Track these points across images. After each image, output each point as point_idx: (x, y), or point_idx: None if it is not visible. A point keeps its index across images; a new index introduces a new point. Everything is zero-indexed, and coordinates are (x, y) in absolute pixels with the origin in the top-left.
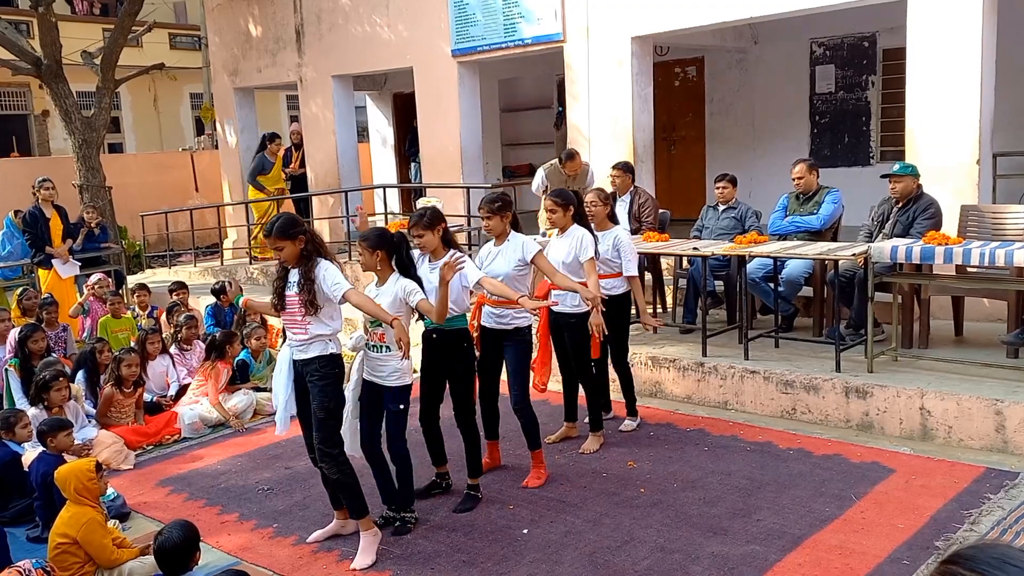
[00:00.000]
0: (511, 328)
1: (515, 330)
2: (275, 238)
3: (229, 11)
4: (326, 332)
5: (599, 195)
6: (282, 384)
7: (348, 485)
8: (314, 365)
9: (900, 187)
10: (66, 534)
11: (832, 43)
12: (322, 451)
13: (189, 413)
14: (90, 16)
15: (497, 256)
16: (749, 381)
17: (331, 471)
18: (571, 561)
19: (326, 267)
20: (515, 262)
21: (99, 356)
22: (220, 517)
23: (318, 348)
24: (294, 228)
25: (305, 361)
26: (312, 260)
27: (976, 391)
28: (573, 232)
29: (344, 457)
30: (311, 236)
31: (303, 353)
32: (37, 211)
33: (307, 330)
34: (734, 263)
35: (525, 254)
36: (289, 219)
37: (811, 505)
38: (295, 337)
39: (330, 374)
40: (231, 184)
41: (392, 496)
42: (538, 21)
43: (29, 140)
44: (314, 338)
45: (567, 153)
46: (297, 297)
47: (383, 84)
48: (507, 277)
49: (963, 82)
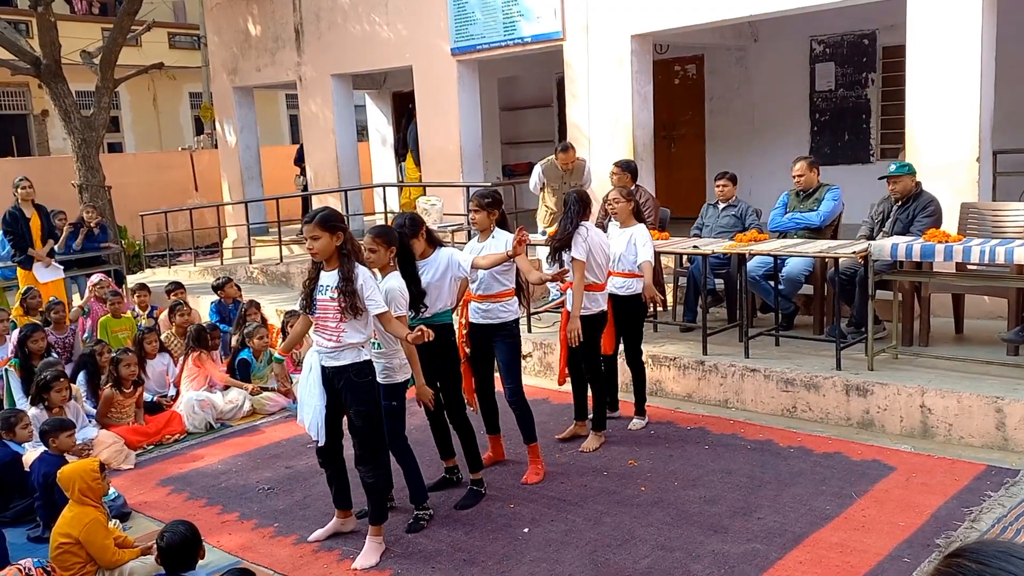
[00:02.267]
0: (498, 323)
1: (502, 324)
2: (315, 226)
3: (228, 10)
4: (359, 340)
5: (622, 192)
6: (315, 392)
7: (380, 491)
8: (348, 373)
9: (899, 187)
10: (68, 534)
11: (832, 41)
12: (362, 457)
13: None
14: (89, 16)
15: (480, 251)
16: (749, 379)
17: (367, 475)
18: (572, 560)
19: (367, 276)
20: None
21: (99, 358)
22: (221, 517)
23: (350, 356)
24: (336, 221)
25: (337, 368)
26: (351, 262)
27: (976, 389)
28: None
29: (386, 463)
30: (351, 236)
31: (334, 360)
32: (17, 211)
33: (339, 338)
34: (734, 261)
35: (507, 250)
36: (333, 212)
37: (812, 503)
38: (326, 344)
39: (364, 382)
40: (230, 183)
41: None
42: (537, 19)
43: (28, 140)
44: (347, 345)
45: (562, 145)
46: (333, 302)
47: (382, 83)
48: (488, 272)
49: (963, 79)
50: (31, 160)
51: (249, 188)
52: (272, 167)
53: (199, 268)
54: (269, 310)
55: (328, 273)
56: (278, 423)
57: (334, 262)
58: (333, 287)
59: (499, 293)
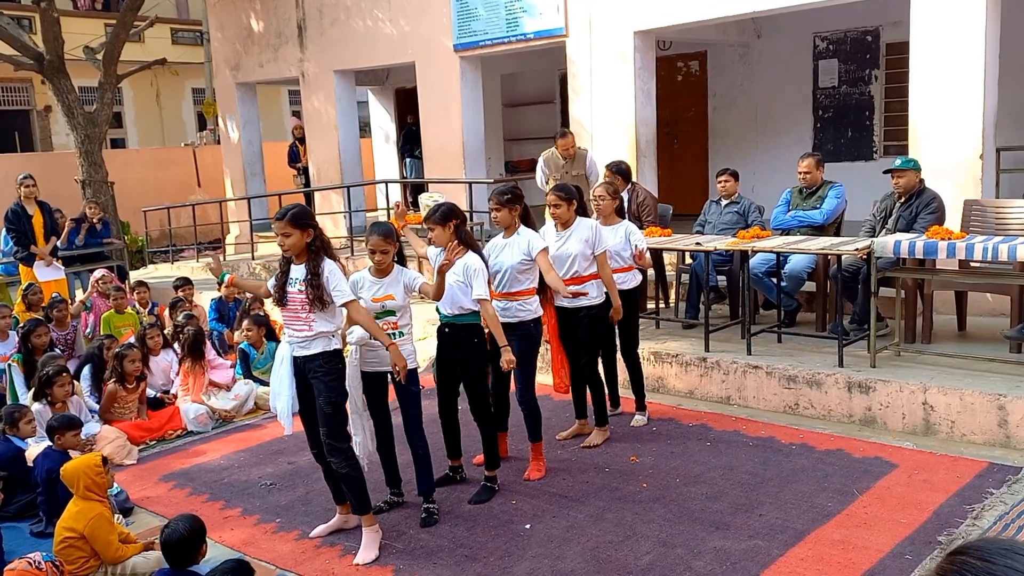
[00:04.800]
0: (516, 321)
1: (520, 323)
2: (286, 223)
3: (231, 6)
4: (329, 329)
5: (607, 189)
6: (285, 382)
7: (355, 480)
8: (317, 361)
9: (903, 182)
10: (73, 528)
11: (835, 37)
12: (331, 446)
13: (194, 408)
14: (92, 11)
15: (504, 248)
16: (752, 376)
17: (340, 465)
18: (573, 556)
19: (332, 269)
20: (520, 256)
21: (107, 352)
22: (223, 512)
23: (321, 344)
24: (306, 219)
25: (307, 357)
26: (319, 257)
27: (979, 386)
28: (582, 224)
29: (353, 452)
30: (320, 232)
31: (305, 350)
32: (19, 208)
33: (311, 327)
34: (737, 258)
35: (531, 250)
36: (303, 209)
37: (813, 500)
38: (297, 333)
39: (334, 369)
40: (233, 179)
41: (396, 479)
42: (540, 15)
43: (31, 136)
44: (317, 335)
45: (560, 132)
46: (301, 294)
47: (385, 79)
48: (512, 269)
49: (966, 76)
50: (34, 156)
51: (252, 184)
52: (275, 163)
53: (201, 264)
54: (269, 304)
55: (297, 267)
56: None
57: (303, 256)
58: (301, 280)
59: (519, 292)
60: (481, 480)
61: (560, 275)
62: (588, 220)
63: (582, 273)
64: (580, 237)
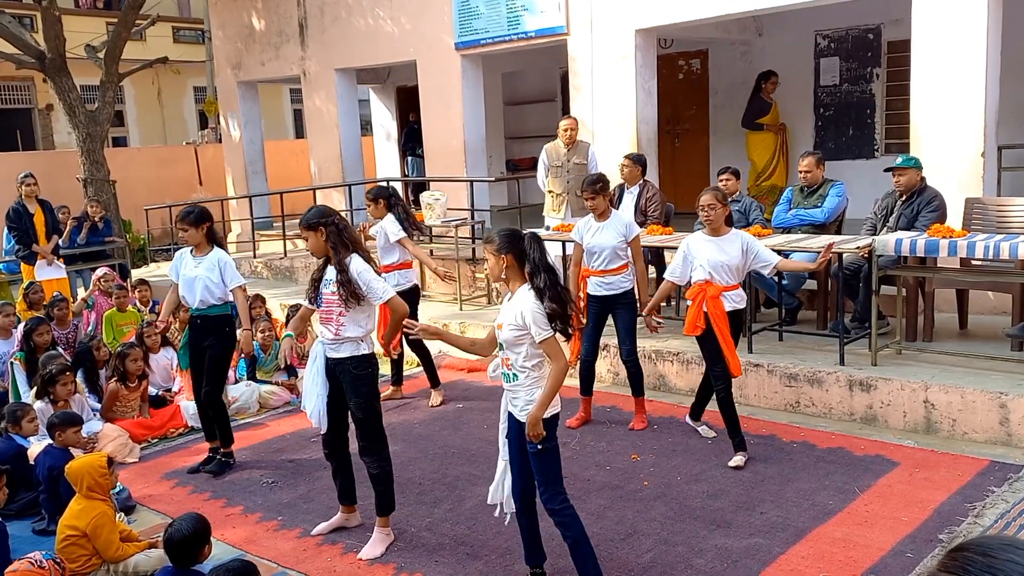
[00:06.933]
0: (620, 292)
1: (623, 293)
2: (301, 228)
3: (232, 5)
4: (357, 334)
5: (716, 195)
6: (317, 381)
7: (386, 480)
8: (348, 365)
9: (904, 180)
10: (75, 526)
11: (836, 35)
12: (366, 447)
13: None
14: (93, 10)
15: (599, 231)
16: (753, 374)
17: (373, 466)
18: None
19: (362, 269)
20: (619, 238)
21: (96, 353)
22: (225, 510)
23: (349, 348)
24: (318, 219)
25: (338, 360)
26: (339, 252)
27: (980, 384)
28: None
29: (387, 453)
30: (336, 228)
31: (335, 352)
32: (20, 207)
33: (339, 332)
34: None
35: (628, 234)
36: (316, 210)
37: (815, 498)
38: (328, 335)
39: (365, 373)
40: (235, 178)
41: (539, 557)
42: (541, 14)
43: (33, 134)
44: (345, 339)
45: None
46: (335, 295)
47: (386, 77)
48: (612, 249)
49: (968, 74)
50: (36, 154)
51: (253, 182)
52: (276, 162)
53: None
54: (273, 304)
55: (331, 268)
56: (282, 417)
57: (330, 256)
58: (334, 280)
59: (619, 267)
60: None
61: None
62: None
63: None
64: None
